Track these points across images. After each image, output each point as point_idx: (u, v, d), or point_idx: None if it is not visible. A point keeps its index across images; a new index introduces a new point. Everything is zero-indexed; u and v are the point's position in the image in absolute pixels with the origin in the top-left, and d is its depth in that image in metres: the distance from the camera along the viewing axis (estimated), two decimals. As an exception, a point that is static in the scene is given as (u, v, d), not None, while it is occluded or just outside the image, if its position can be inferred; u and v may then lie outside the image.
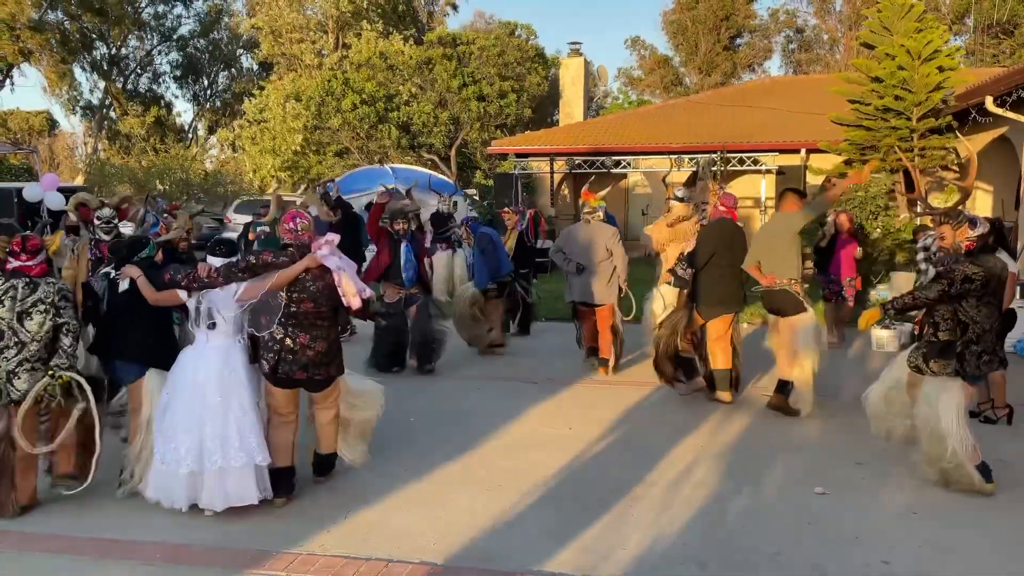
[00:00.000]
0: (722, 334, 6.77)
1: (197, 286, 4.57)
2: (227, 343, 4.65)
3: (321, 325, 4.74)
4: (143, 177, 24.19)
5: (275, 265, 4.62)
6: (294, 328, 4.65)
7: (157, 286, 4.70)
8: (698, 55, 39.38)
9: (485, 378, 7.92)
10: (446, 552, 4.09)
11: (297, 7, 34.05)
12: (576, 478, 5.13)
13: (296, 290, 4.66)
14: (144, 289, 4.70)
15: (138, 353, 4.81)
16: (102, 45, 38.83)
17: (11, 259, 4.54)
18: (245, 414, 4.57)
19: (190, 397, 4.52)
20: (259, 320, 4.64)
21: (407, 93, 27.92)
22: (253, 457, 4.51)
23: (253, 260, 4.63)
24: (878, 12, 15.08)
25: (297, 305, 4.66)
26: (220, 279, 4.55)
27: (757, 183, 19.73)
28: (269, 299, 4.61)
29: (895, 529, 4.31)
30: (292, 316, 4.66)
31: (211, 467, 4.43)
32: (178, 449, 4.45)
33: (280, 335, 4.63)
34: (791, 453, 5.58)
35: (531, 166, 21.81)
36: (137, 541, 4.25)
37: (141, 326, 4.81)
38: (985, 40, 31.52)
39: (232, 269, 4.57)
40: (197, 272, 4.58)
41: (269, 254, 4.68)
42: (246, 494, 4.50)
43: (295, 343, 4.64)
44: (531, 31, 32.53)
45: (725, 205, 6.88)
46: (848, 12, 37.08)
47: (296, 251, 4.70)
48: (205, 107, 43.09)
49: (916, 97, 13.64)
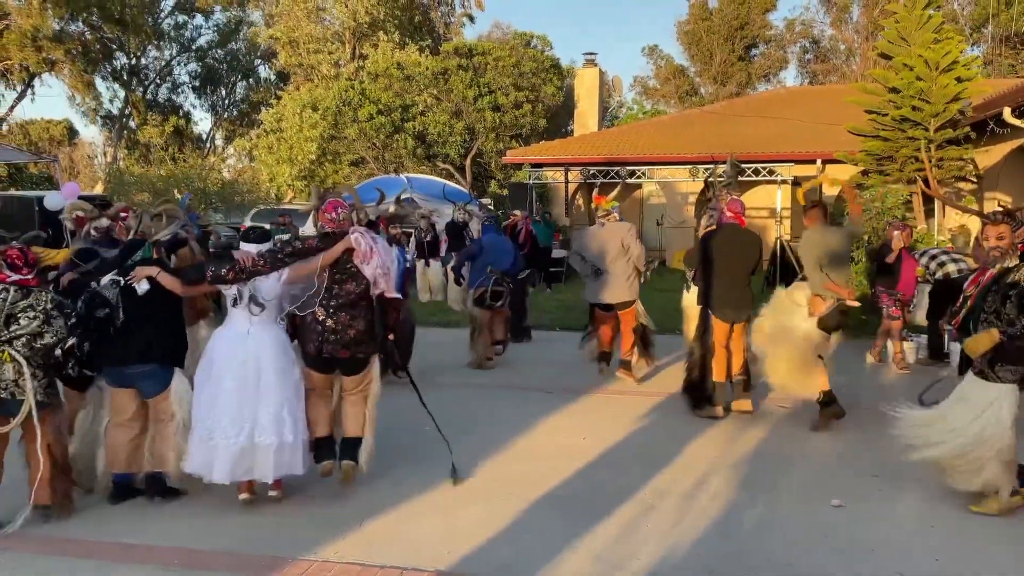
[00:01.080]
0: (736, 340, 6.78)
1: (244, 277, 4.68)
2: (270, 325, 4.82)
3: (361, 305, 4.92)
4: (162, 186, 24.44)
5: (318, 250, 4.81)
6: (335, 309, 4.83)
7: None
8: (713, 65, 39.39)
9: (499, 387, 7.94)
10: (459, 560, 4.11)
11: (315, 18, 34.37)
12: (589, 487, 5.13)
13: (337, 271, 4.85)
14: (171, 284, 4.79)
15: (161, 357, 4.83)
16: (122, 55, 39.36)
17: (11, 272, 4.49)
18: (296, 392, 4.82)
19: (239, 376, 4.66)
20: (301, 301, 4.81)
21: (423, 103, 28.09)
22: (302, 433, 4.80)
23: (300, 245, 4.84)
24: (895, 22, 15.02)
25: (339, 286, 4.84)
26: (267, 266, 4.71)
27: (772, 193, 19.68)
28: (313, 281, 4.79)
29: (911, 541, 4.28)
30: (334, 297, 4.85)
31: (266, 442, 4.62)
32: (229, 426, 4.61)
33: (322, 316, 4.82)
34: (807, 464, 5.56)
35: (546, 176, 21.87)
36: (155, 546, 4.29)
37: (161, 328, 4.84)
38: (1003, 51, 31.34)
39: (277, 255, 4.74)
40: (240, 263, 4.67)
41: (313, 240, 4.88)
42: (297, 466, 4.78)
43: (337, 322, 4.82)
44: (546, 42, 32.70)
45: (732, 211, 6.87)
46: (865, 22, 36.98)
47: (337, 238, 4.89)
48: (223, 117, 43.55)
49: (934, 108, 13.58)
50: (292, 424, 4.73)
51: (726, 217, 6.85)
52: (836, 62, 40.69)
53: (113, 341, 4.76)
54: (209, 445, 4.64)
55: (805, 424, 6.51)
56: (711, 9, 39.50)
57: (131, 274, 4.78)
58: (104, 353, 4.81)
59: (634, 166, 20.03)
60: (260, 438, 4.63)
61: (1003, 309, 4.49)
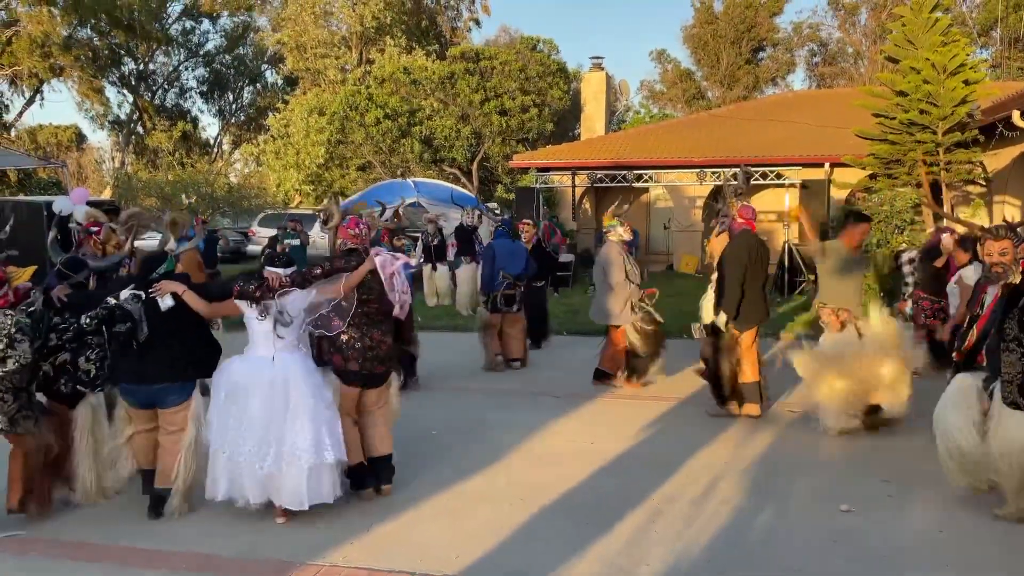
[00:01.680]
0: (749, 347, 6.76)
1: (272, 295, 4.66)
2: (294, 350, 4.76)
3: (388, 321, 5.07)
4: (169, 191, 24.51)
5: (345, 269, 4.83)
6: (367, 327, 4.92)
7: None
8: (720, 69, 39.35)
9: (508, 392, 7.93)
10: (468, 565, 4.10)
11: (322, 23, 34.48)
12: (599, 492, 5.12)
13: (364, 291, 4.90)
14: (195, 302, 4.68)
15: (182, 371, 4.73)
16: (130, 61, 39.56)
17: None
18: (334, 413, 4.77)
19: (267, 398, 4.58)
20: (330, 322, 4.80)
21: (430, 108, 28.13)
22: (341, 455, 4.71)
23: (328, 266, 4.86)
24: (903, 26, 14.99)
25: (367, 305, 4.91)
26: (295, 285, 4.72)
27: (781, 197, 19.61)
28: (342, 301, 4.80)
29: (921, 547, 4.26)
30: (365, 316, 4.91)
31: (304, 465, 4.51)
32: (256, 449, 4.54)
33: (357, 335, 4.88)
34: (816, 469, 5.53)
35: (552, 180, 21.85)
36: (164, 551, 4.30)
37: (186, 344, 4.73)
38: (1012, 53, 31.22)
39: (306, 276, 4.78)
40: (268, 282, 4.67)
41: (340, 260, 4.91)
42: (328, 493, 4.64)
43: (372, 340, 4.92)
44: (553, 46, 32.71)
45: (744, 217, 6.86)
46: (872, 25, 36.92)
47: (360, 255, 4.96)
48: (230, 122, 43.71)
49: (942, 111, 13.53)
50: (334, 445, 4.64)
51: (737, 224, 6.84)
52: (844, 65, 40.62)
53: (134, 357, 4.62)
54: (237, 469, 4.59)
55: (815, 429, 6.48)
56: (717, 13, 39.48)
57: (154, 287, 4.64)
58: (124, 369, 4.70)
59: (641, 170, 20.00)
60: (293, 460, 4.51)
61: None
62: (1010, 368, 4.34)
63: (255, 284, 4.64)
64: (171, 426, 4.77)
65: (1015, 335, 4.30)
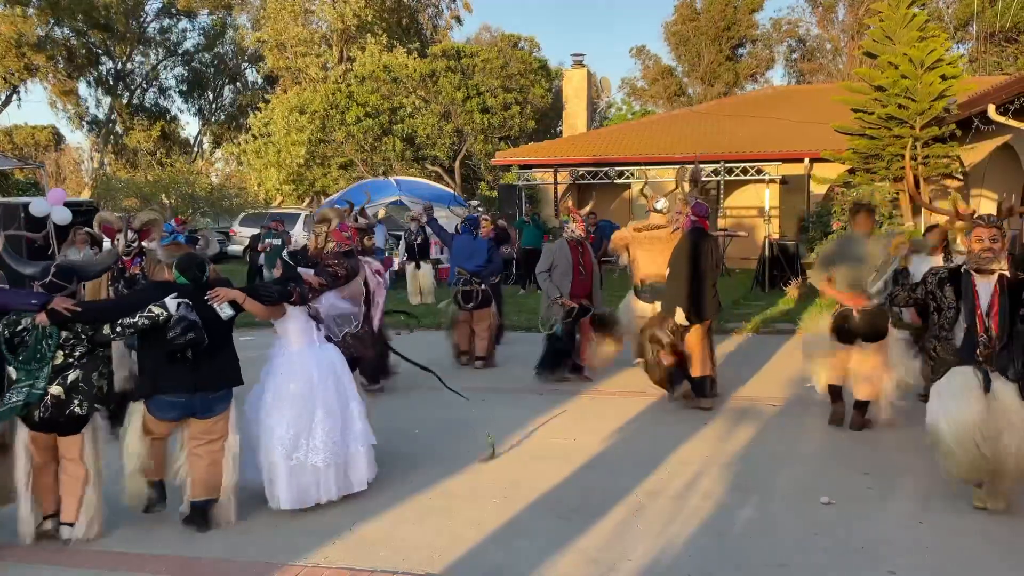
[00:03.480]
0: (699, 341, 6.86)
1: (312, 296, 5.01)
2: (325, 343, 5.07)
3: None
4: (149, 191, 24.30)
5: (356, 271, 5.36)
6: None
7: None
8: (701, 65, 39.52)
9: (489, 389, 7.92)
10: (451, 563, 4.10)
11: (302, 21, 34.29)
12: (581, 489, 5.12)
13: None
14: (255, 308, 4.64)
15: (232, 377, 4.66)
16: (108, 60, 39.15)
17: None
18: (362, 402, 5.09)
19: (315, 393, 4.77)
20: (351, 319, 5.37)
21: (411, 106, 28.05)
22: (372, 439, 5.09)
23: (348, 267, 5.39)
24: (880, 21, 15.10)
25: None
26: (328, 286, 5.10)
27: (761, 192, 19.73)
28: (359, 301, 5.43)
29: (901, 539, 4.30)
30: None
31: (362, 450, 4.92)
32: (321, 442, 4.72)
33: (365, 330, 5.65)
34: (797, 463, 5.57)
35: (535, 177, 21.87)
36: (146, 554, 4.26)
37: (230, 349, 4.70)
38: (988, 48, 31.55)
39: (335, 277, 5.21)
40: (308, 284, 5.00)
41: (337, 261, 5.40)
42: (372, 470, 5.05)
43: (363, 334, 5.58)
44: (534, 43, 32.74)
45: (696, 215, 6.91)
46: (850, 21, 37.18)
47: (356, 256, 5.61)
48: (210, 121, 43.37)
49: (919, 106, 13.66)
50: (365, 430, 5.01)
51: (688, 221, 6.91)
52: (822, 61, 40.89)
53: (185, 367, 4.44)
54: (301, 470, 4.67)
55: (795, 422, 6.54)
56: (698, 9, 39.63)
57: (211, 295, 4.51)
58: (170, 380, 4.46)
59: (623, 166, 20.06)
60: (359, 442, 4.90)
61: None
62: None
63: (298, 288, 4.81)
64: (212, 435, 4.62)
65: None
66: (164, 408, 4.50)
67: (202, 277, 4.58)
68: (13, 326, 4.27)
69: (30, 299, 4.28)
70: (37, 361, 4.24)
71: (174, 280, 4.56)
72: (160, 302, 4.40)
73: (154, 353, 4.47)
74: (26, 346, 4.23)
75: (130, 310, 4.41)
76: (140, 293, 4.65)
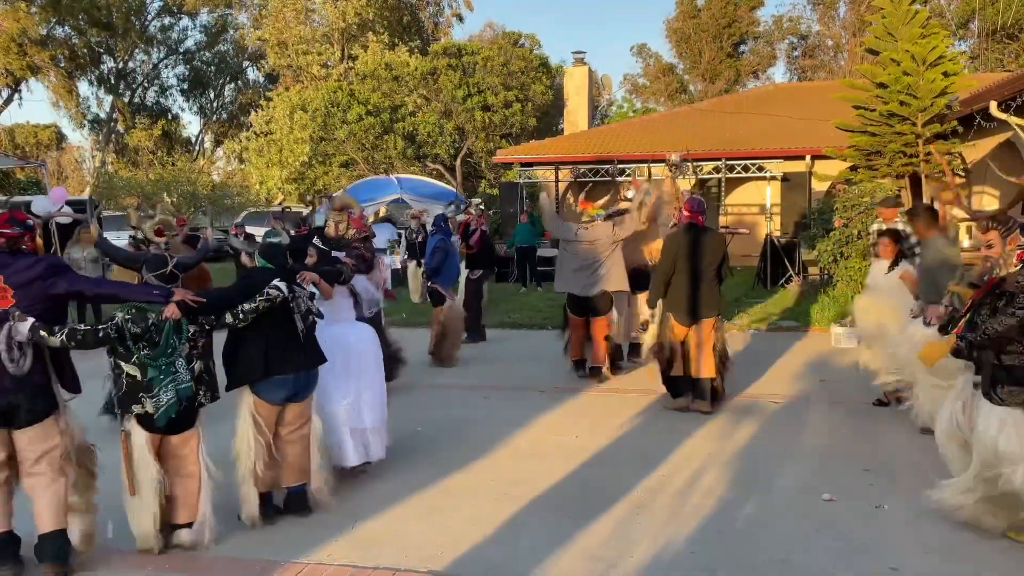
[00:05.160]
0: (702, 341, 6.69)
1: (350, 277, 5.46)
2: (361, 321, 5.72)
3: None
4: (151, 190, 24.32)
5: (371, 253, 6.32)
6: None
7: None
8: (702, 63, 39.49)
9: (491, 387, 7.93)
10: (453, 560, 4.10)
11: (304, 19, 34.29)
12: (583, 486, 5.13)
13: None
14: (324, 288, 5.10)
15: (321, 356, 4.79)
16: (109, 59, 39.18)
17: None
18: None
19: (359, 365, 5.29)
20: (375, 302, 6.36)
21: (412, 104, 28.04)
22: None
23: (371, 250, 6.30)
24: (882, 18, 15.06)
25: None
26: (359, 268, 5.73)
27: (762, 190, 19.73)
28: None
29: (903, 535, 4.30)
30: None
31: (379, 421, 5.36)
32: (366, 407, 5.25)
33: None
34: (799, 460, 5.57)
35: (536, 175, 21.86)
36: (149, 552, 4.26)
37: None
38: (989, 45, 31.50)
39: (363, 259, 5.97)
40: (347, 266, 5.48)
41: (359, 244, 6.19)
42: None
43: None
44: (535, 41, 32.71)
45: (689, 210, 6.83)
46: (852, 18, 37.13)
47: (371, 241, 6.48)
48: (212, 119, 43.39)
49: (921, 103, 13.62)
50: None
51: (684, 217, 6.85)
52: (824, 58, 40.85)
53: (294, 347, 4.58)
54: (356, 432, 5.18)
55: (797, 419, 6.54)
56: (699, 6, 39.59)
57: (301, 277, 4.84)
58: (278, 361, 4.52)
59: (624, 164, 20.04)
60: (372, 417, 5.27)
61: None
62: (981, 358, 4.18)
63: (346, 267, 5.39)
64: (303, 418, 4.71)
65: (987, 325, 4.10)
66: (276, 389, 4.55)
67: (286, 263, 4.78)
68: (141, 321, 4.10)
69: (153, 292, 4.23)
70: (167, 356, 4.11)
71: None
72: (273, 285, 4.51)
73: (263, 336, 4.50)
74: (154, 342, 4.11)
75: (247, 295, 4.47)
76: (249, 279, 4.65)
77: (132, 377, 4.10)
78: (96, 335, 4.03)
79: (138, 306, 4.14)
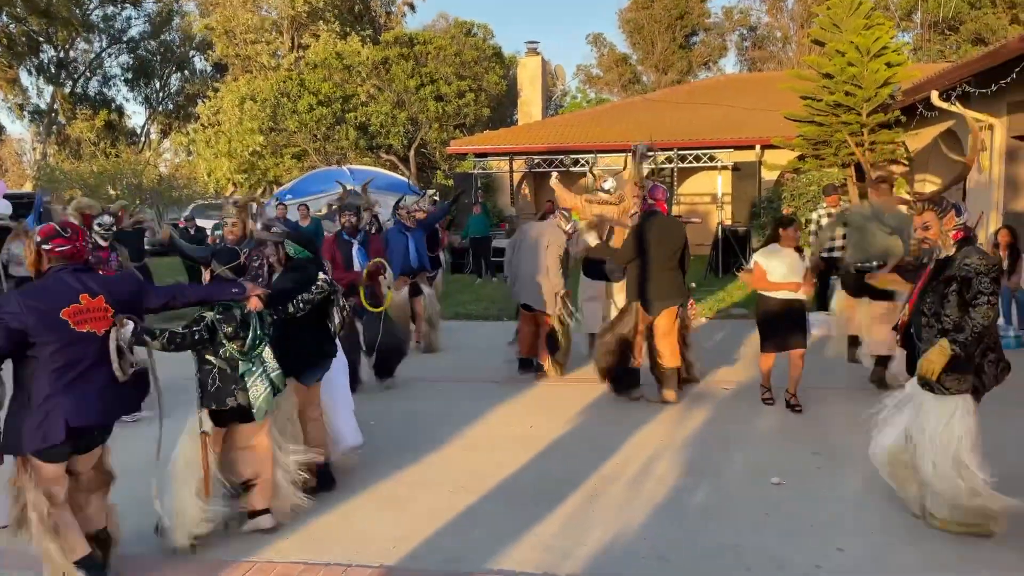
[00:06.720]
0: (668, 330, 6.70)
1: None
2: None
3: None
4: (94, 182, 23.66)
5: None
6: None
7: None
8: (654, 53, 39.75)
9: (445, 379, 7.90)
10: (406, 554, 4.07)
11: (252, 7, 33.62)
12: (537, 477, 5.13)
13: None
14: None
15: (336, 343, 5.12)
16: (49, 48, 37.95)
17: None
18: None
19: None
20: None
21: (364, 94, 27.70)
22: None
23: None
24: (828, 9, 15.36)
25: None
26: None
27: (713, 179, 19.98)
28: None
29: (848, 517, 4.39)
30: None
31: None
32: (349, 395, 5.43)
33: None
34: (750, 445, 5.65)
35: (490, 166, 21.81)
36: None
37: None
38: (931, 36, 32.30)
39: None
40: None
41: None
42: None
43: None
44: (488, 31, 32.51)
45: (654, 198, 6.84)
46: (799, 10, 37.75)
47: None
48: (157, 110, 42.35)
49: (866, 93, 13.92)
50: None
51: (646, 205, 6.85)
52: (773, 49, 41.47)
53: (323, 337, 4.89)
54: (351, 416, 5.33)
55: (748, 405, 6.63)
56: (652, -3, 39.81)
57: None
58: (314, 351, 4.85)
59: (578, 154, 20.10)
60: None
61: (943, 311, 4.03)
62: (928, 345, 4.10)
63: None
64: (315, 397, 4.92)
65: (934, 310, 4.10)
66: (315, 374, 4.86)
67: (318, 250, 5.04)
68: (231, 319, 4.14)
69: (232, 289, 4.21)
70: (255, 348, 4.21)
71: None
72: (322, 277, 4.77)
73: (310, 327, 4.77)
74: (242, 336, 4.17)
75: (305, 287, 4.67)
76: (301, 271, 4.77)
77: (223, 371, 4.16)
78: (193, 337, 4.07)
79: (224, 304, 4.18)
